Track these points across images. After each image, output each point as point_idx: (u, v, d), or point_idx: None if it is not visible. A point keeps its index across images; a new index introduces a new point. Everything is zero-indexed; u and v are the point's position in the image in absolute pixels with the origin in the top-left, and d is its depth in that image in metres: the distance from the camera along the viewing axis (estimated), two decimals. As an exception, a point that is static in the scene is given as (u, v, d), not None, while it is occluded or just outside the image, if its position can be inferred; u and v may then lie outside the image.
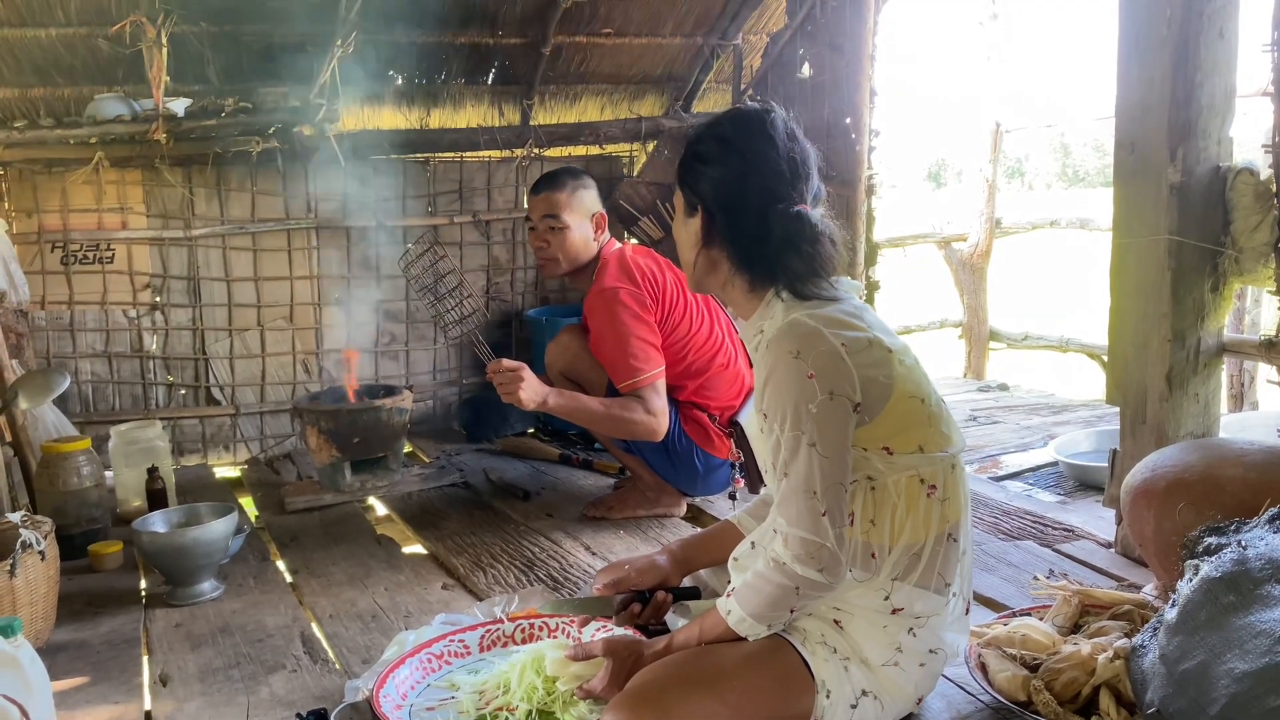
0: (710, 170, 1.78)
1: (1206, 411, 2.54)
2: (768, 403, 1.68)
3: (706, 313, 3.10)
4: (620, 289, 2.95)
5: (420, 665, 2.02)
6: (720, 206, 1.78)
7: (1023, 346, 6.25)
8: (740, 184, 1.76)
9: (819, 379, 1.62)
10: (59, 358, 3.94)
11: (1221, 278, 2.48)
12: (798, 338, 1.66)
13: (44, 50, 3.67)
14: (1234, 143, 2.46)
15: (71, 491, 2.97)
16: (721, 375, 3.09)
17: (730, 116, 1.85)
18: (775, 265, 1.75)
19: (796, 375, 1.63)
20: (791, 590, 1.63)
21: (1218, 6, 2.39)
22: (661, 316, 2.99)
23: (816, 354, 1.64)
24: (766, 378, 1.69)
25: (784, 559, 1.63)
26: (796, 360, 1.64)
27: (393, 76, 4.36)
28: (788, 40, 4.14)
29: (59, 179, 3.87)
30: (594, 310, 2.99)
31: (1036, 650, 1.93)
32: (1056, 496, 3.31)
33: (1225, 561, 1.60)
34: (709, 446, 3.07)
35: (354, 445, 3.41)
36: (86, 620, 2.53)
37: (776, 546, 1.65)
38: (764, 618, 1.68)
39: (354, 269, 4.37)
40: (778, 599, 1.65)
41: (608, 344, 2.95)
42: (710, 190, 1.78)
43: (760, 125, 1.77)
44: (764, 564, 1.66)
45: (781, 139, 1.76)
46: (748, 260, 1.78)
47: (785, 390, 1.64)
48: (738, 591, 1.71)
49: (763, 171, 1.75)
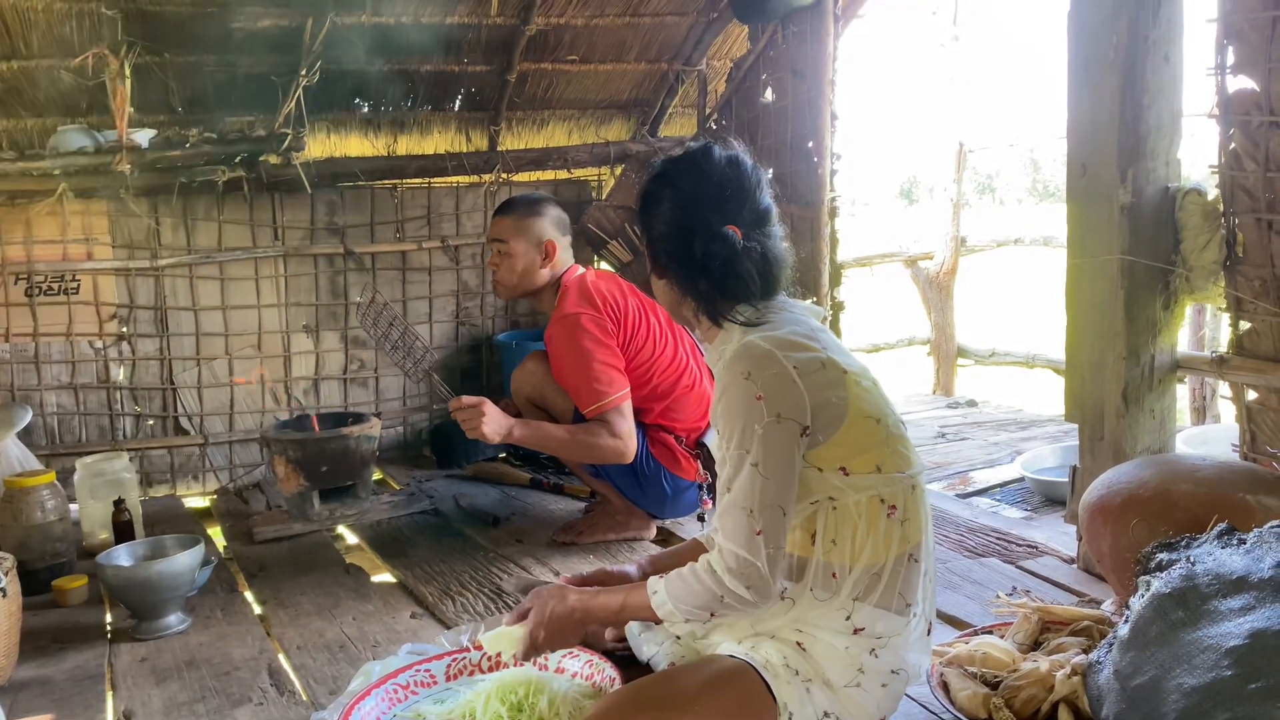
0: (649, 208, 1.87)
1: (1162, 427, 2.59)
2: (719, 420, 1.73)
3: (671, 336, 3.12)
4: (581, 314, 2.97)
5: (386, 696, 2.01)
6: (656, 238, 1.86)
7: (990, 363, 6.32)
8: (670, 215, 1.83)
9: (767, 401, 1.66)
10: (24, 390, 3.91)
11: (1173, 296, 2.53)
12: (750, 359, 1.70)
13: (6, 82, 3.66)
14: (1182, 164, 2.51)
15: (35, 526, 2.94)
16: (687, 397, 3.11)
17: (667, 156, 1.91)
18: (716, 287, 1.80)
19: (746, 396, 1.67)
20: (717, 598, 1.68)
21: (1162, 32, 2.44)
22: (624, 340, 3.01)
23: (767, 376, 1.67)
24: (720, 396, 1.73)
25: (717, 568, 1.67)
26: (747, 381, 1.68)
27: (359, 104, 4.38)
28: (750, 66, 4.19)
29: (22, 210, 3.85)
30: (554, 337, 3.01)
31: (997, 668, 1.95)
32: (1023, 512, 3.34)
33: (1175, 577, 1.63)
34: (676, 469, 3.09)
35: (322, 474, 3.40)
36: (50, 656, 2.51)
37: (713, 555, 1.70)
38: (685, 612, 1.73)
39: (322, 296, 4.37)
40: (702, 601, 1.70)
41: (570, 369, 2.97)
42: (648, 225, 1.88)
43: (693, 160, 1.84)
44: (701, 564, 1.71)
45: (717, 169, 1.81)
46: (692, 286, 1.83)
47: (735, 410, 1.69)
48: (669, 579, 1.75)
49: (691, 201, 1.81)
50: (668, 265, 1.85)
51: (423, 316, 4.56)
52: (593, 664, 2.05)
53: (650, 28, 4.41)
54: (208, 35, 3.71)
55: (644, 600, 1.77)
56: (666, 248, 1.84)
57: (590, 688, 2.00)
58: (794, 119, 3.94)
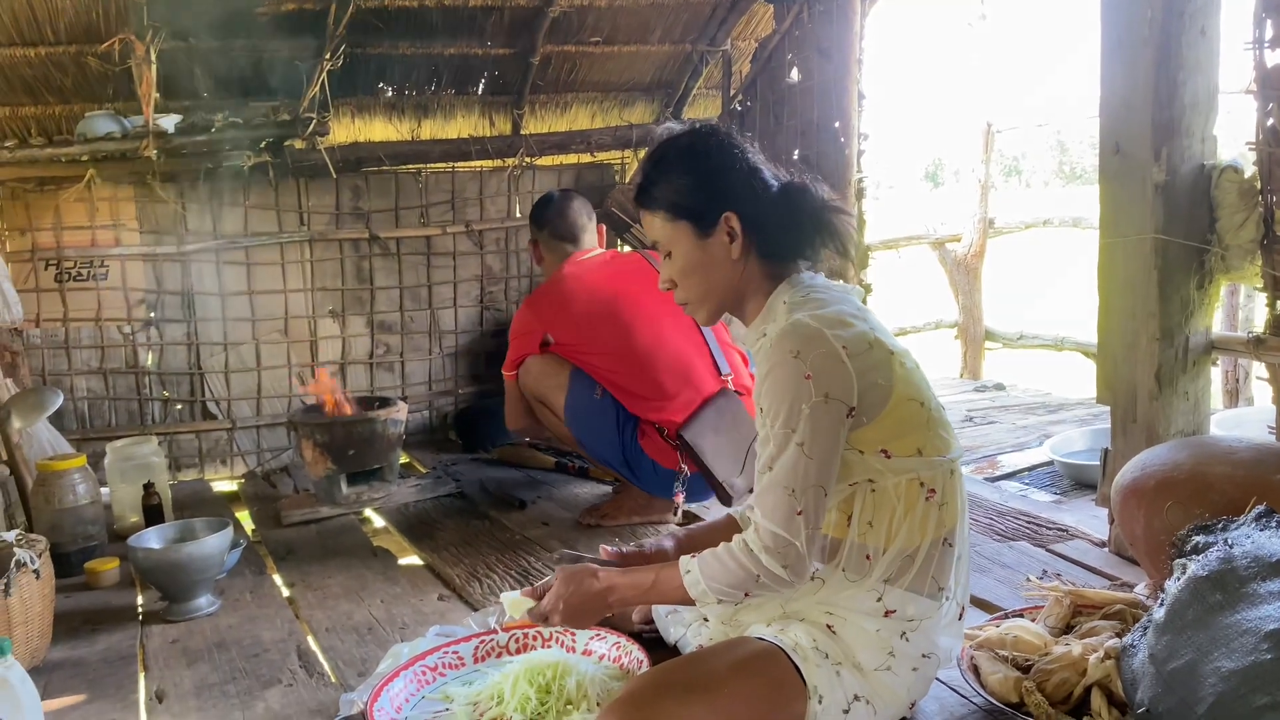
0: (710, 177, 1.80)
1: (1196, 409, 2.55)
2: (764, 398, 1.70)
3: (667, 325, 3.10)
4: (523, 310, 3.27)
5: (414, 677, 2.02)
6: (739, 199, 1.79)
7: (1018, 346, 6.26)
8: (746, 174, 1.80)
9: (816, 380, 1.64)
10: (54, 375, 3.94)
11: (1208, 275, 2.49)
12: (799, 338, 1.67)
13: (34, 69, 3.68)
14: (1218, 141, 2.46)
15: (67, 509, 2.97)
16: (667, 386, 3.06)
17: (679, 138, 1.86)
18: (800, 237, 1.80)
19: (794, 375, 1.64)
20: (753, 578, 1.65)
21: (1199, 5, 2.39)
22: (573, 336, 3.13)
23: (816, 355, 1.65)
24: (766, 374, 1.70)
25: (753, 546, 1.65)
26: (796, 360, 1.65)
27: (383, 88, 4.37)
28: (776, 46, 4.15)
29: (51, 197, 3.88)
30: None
31: (1028, 651, 1.93)
32: (1052, 496, 3.31)
33: (1212, 560, 1.61)
34: (663, 459, 3.06)
35: (349, 457, 3.41)
36: (83, 638, 2.53)
37: (749, 533, 1.67)
38: (718, 592, 1.70)
39: (348, 281, 4.38)
40: (737, 580, 1.67)
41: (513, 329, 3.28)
42: (720, 188, 1.79)
43: (709, 133, 1.84)
44: (736, 543, 1.68)
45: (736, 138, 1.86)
46: (779, 240, 1.80)
47: (782, 388, 1.66)
48: (703, 558, 1.73)
49: (744, 163, 1.81)
50: (755, 224, 1.78)
51: (447, 301, 4.56)
52: (620, 646, 2.05)
53: (674, 8, 4.37)
54: (233, 20, 3.71)
55: (676, 580, 1.75)
56: (754, 208, 1.79)
57: (618, 670, 2.00)
58: (820, 99, 3.89)
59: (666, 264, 1.86)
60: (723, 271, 1.81)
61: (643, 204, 1.86)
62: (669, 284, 1.88)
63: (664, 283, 1.89)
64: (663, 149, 1.86)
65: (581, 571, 1.85)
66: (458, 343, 4.61)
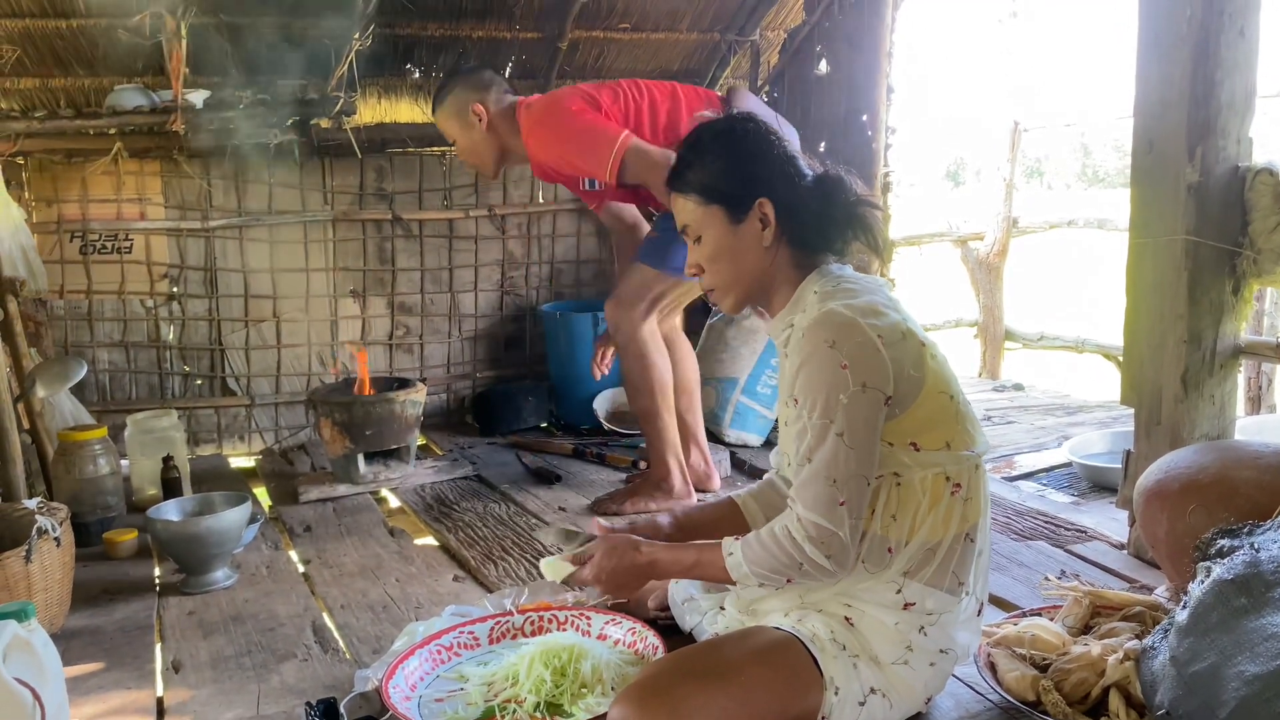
0: (745, 162, 1.80)
1: (1222, 413, 2.52)
2: (800, 389, 1.68)
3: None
4: (558, 101, 3.00)
5: (430, 656, 2.03)
6: (774, 185, 1.78)
7: (1038, 347, 6.22)
8: (782, 162, 1.80)
9: (852, 369, 1.63)
10: (77, 346, 3.97)
11: (1240, 279, 2.46)
12: (834, 327, 1.66)
13: (65, 41, 3.69)
14: (1254, 142, 2.43)
15: (87, 479, 2.99)
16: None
17: (716, 122, 1.87)
18: (832, 228, 1.79)
19: (831, 364, 1.64)
20: (796, 565, 1.65)
21: (1239, 5, 2.36)
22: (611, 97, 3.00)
23: (852, 344, 1.64)
24: (800, 365, 1.69)
25: (797, 536, 1.64)
26: (832, 350, 1.64)
27: (409, 70, 4.37)
28: (805, 36, 4.13)
29: (78, 169, 3.89)
30: (542, 144, 3.01)
31: (1046, 650, 1.92)
32: (1070, 497, 3.29)
33: (1237, 564, 1.59)
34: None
35: (367, 437, 3.42)
36: (101, 607, 2.55)
37: (791, 521, 1.66)
38: (760, 576, 1.70)
39: (370, 261, 4.39)
40: (780, 567, 1.67)
41: (569, 154, 2.97)
42: (755, 174, 1.79)
43: (746, 119, 1.85)
44: (780, 529, 1.68)
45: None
46: (812, 230, 1.79)
47: (818, 378, 1.65)
48: (747, 541, 1.72)
49: (780, 151, 1.81)
50: (789, 210, 1.78)
51: (468, 285, 4.56)
52: (636, 631, 2.05)
53: (703, -3, 4.35)
54: (263, -3, 3.72)
55: (718, 560, 1.75)
56: (788, 196, 1.78)
57: (633, 655, 2.00)
58: (848, 92, 3.87)
59: (695, 249, 1.85)
60: (753, 258, 1.80)
61: (675, 187, 1.85)
62: (696, 269, 1.87)
63: (690, 267, 1.88)
64: (698, 132, 1.85)
65: (625, 544, 1.86)
66: (477, 326, 4.61)
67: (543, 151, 3.05)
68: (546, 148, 3.03)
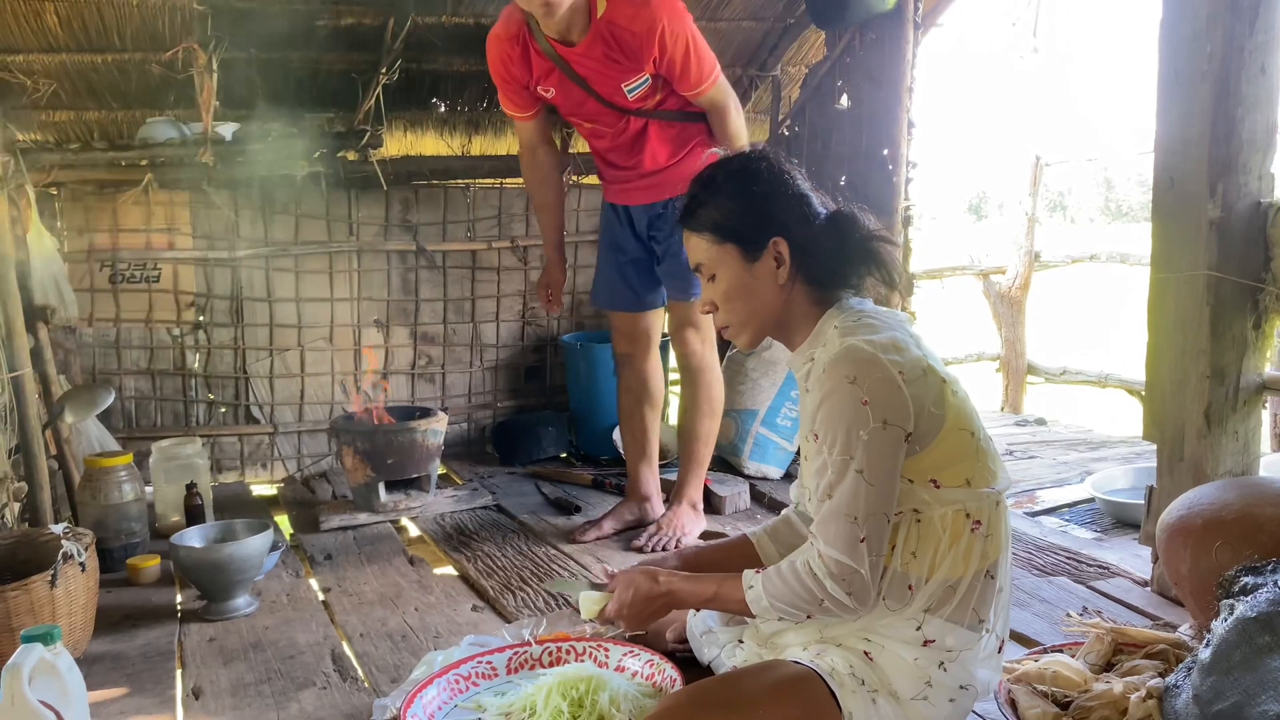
0: (760, 202, 1.81)
1: (1246, 450, 2.50)
2: (820, 425, 1.68)
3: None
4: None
5: (448, 686, 2.03)
6: (789, 224, 1.80)
7: (1061, 381, 6.19)
8: (796, 201, 1.82)
9: (873, 406, 1.63)
10: (104, 374, 4.02)
11: (1262, 314, 2.45)
12: (855, 363, 1.66)
13: (100, 74, 3.78)
14: (1275, 179, 2.43)
15: (113, 505, 3.02)
16: None
17: (730, 160, 1.89)
18: (847, 265, 1.80)
19: (851, 400, 1.64)
20: (817, 601, 1.65)
21: (1259, 42, 2.37)
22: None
23: (872, 380, 1.64)
24: (821, 400, 1.69)
25: (818, 571, 1.64)
26: (852, 386, 1.64)
27: (435, 103, 4.43)
28: (826, 72, 4.16)
29: (110, 199, 3.96)
30: (673, 11, 2.82)
31: (1068, 688, 1.90)
32: (1092, 533, 3.26)
33: (1261, 601, 1.58)
34: None
35: (388, 466, 3.44)
36: (123, 632, 2.57)
37: (812, 557, 1.66)
38: (780, 610, 1.71)
39: (394, 292, 4.43)
40: (800, 602, 1.68)
41: (688, 36, 2.85)
42: (769, 212, 1.80)
43: (760, 157, 1.86)
44: (801, 564, 1.68)
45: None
46: (826, 267, 1.80)
47: (839, 415, 1.65)
48: (767, 575, 1.72)
49: (794, 189, 1.83)
50: (803, 248, 1.79)
51: (489, 315, 4.60)
52: (653, 664, 2.04)
53: (726, 32, 4.40)
54: (292, 32, 3.79)
55: (738, 593, 1.75)
56: (802, 232, 1.79)
57: (651, 687, 1.99)
58: (869, 126, 3.89)
59: (709, 287, 1.86)
60: (768, 296, 1.81)
61: (688, 225, 1.86)
62: (710, 306, 1.88)
63: (704, 305, 1.89)
64: (713, 170, 1.87)
65: (641, 575, 1.89)
66: (498, 356, 4.64)
67: (668, 15, 2.80)
68: (675, 16, 2.82)
